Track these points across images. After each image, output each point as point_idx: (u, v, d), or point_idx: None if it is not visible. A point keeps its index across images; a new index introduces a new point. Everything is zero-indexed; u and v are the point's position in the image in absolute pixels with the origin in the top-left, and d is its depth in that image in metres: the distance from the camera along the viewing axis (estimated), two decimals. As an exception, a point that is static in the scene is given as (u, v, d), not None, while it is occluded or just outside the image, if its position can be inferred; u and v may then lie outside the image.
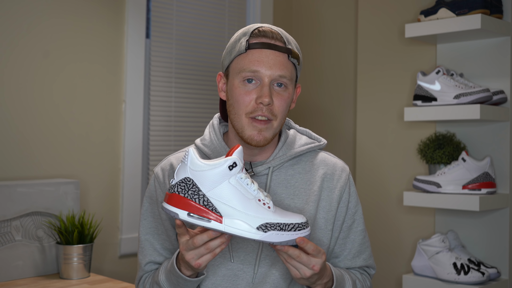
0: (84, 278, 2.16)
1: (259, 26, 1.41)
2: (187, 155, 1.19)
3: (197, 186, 1.18)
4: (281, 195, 1.43)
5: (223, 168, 1.18)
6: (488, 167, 2.29)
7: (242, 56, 1.38)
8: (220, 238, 1.20)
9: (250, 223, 1.17)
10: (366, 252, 1.52)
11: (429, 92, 2.35)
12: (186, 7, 2.88)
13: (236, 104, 1.38)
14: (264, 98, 1.34)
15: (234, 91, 1.39)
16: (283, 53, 1.38)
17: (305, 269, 1.24)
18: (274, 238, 1.18)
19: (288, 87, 1.39)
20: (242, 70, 1.37)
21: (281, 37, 1.40)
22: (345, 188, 1.48)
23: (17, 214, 2.12)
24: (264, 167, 1.43)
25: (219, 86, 1.46)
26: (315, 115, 3.24)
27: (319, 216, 1.44)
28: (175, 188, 1.19)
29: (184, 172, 1.19)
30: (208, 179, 1.17)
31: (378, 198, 2.83)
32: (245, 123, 1.37)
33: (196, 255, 1.22)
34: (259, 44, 1.37)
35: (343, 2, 3.15)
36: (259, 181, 1.43)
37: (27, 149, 2.34)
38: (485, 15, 2.26)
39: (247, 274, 1.40)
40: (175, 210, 1.17)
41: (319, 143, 1.51)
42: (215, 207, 1.17)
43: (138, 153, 2.66)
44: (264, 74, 1.36)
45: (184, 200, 1.17)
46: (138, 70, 2.66)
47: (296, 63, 1.41)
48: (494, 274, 2.32)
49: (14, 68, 2.31)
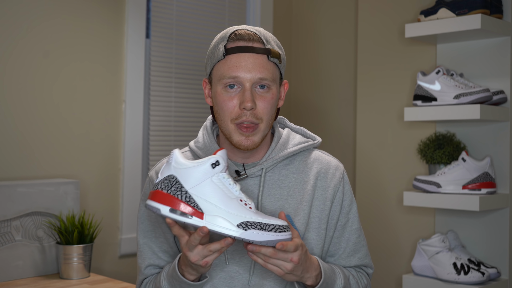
0: (84, 278, 2.16)
1: (236, 29, 1.38)
2: (172, 155, 1.21)
3: (180, 182, 1.19)
4: (275, 196, 1.42)
5: (206, 166, 1.19)
6: (488, 167, 2.29)
7: (221, 63, 1.37)
8: (219, 243, 1.20)
9: (230, 220, 1.18)
10: (361, 251, 1.50)
11: (429, 92, 2.35)
12: (186, 7, 2.88)
13: (221, 111, 1.38)
14: (247, 103, 1.33)
15: (217, 98, 1.38)
16: (262, 55, 1.36)
17: (285, 263, 1.24)
18: (254, 236, 1.18)
19: (271, 88, 1.38)
20: (222, 77, 1.36)
21: (259, 37, 1.37)
22: (338, 187, 1.47)
23: (17, 214, 2.12)
24: (257, 168, 1.42)
25: (205, 92, 1.45)
26: (315, 115, 3.24)
27: (313, 215, 1.43)
28: (158, 185, 1.20)
29: (168, 170, 1.20)
30: (191, 176, 1.19)
31: (378, 198, 2.83)
32: (232, 129, 1.37)
33: (200, 256, 1.22)
34: (236, 48, 1.35)
35: (343, 2, 3.15)
36: (252, 183, 1.43)
37: (27, 149, 2.34)
38: (485, 15, 2.26)
39: (243, 277, 1.39)
40: (158, 206, 1.19)
41: (313, 141, 1.50)
42: (197, 204, 1.18)
43: (138, 153, 2.66)
44: (244, 79, 1.34)
45: (166, 196, 1.19)
46: (138, 70, 2.66)
47: (277, 62, 1.39)
48: (494, 274, 2.32)
49: (14, 68, 2.31)
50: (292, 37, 3.37)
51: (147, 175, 1.51)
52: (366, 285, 1.50)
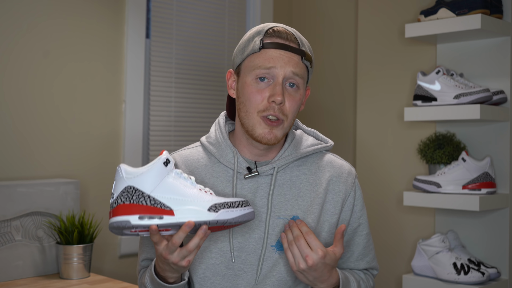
0: (84, 278, 2.16)
1: (274, 25, 1.40)
2: (120, 170, 1.20)
3: (139, 190, 1.19)
4: (285, 196, 1.42)
5: (159, 166, 1.20)
6: (488, 167, 2.29)
7: (256, 55, 1.38)
8: (197, 236, 1.21)
9: (199, 208, 1.20)
10: (370, 255, 1.52)
11: (429, 92, 2.35)
12: (186, 7, 2.88)
13: (247, 102, 1.38)
14: (277, 97, 1.34)
15: (246, 89, 1.38)
16: (297, 55, 1.38)
17: (300, 259, 1.27)
18: (226, 215, 1.21)
19: (299, 88, 1.39)
20: (256, 68, 1.36)
21: (295, 38, 1.39)
22: (350, 192, 1.47)
23: (17, 214, 2.12)
24: (269, 167, 1.42)
25: (229, 83, 1.45)
26: (315, 115, 3.24)
27: (323, 219, 1.43)
28: (118, 200, 1.19)
29: (122, 184, 1.20)
30: (147, 180, 1.19)
31: (378, 198, 2.83)
32: (256, 121, 1.37)
33: (181, 257, 1.22)
34: (273, 44, 1.37)
35: (343, 2, 3.15)
36: (263, 181, 1.43)
37: (27, 149, 2.34)
38: (485, 15, 2.26)
39: (248, 275, 1.39)
40: (125, 218, 1.17)
41: (326, 144, 1.51)
42: (163, 203, 1.19)
43: (138, 153, 2.66)
44: (278, 72, 1.35)
45: (131, 207, 1.18)
46: (138, 70, 2.66)
47: (309, 65, 1.41)
48: (494, 274, 2.32)
49: (14, 68, 2.31)
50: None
51: None
52: (372, 287, 1.52)
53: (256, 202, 1.41)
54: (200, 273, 1.40)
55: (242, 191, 1.42)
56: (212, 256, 1.40)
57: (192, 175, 1.45)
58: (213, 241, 1.40)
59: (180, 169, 1.47)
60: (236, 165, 1.42)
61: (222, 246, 1.39)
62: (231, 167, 1.43)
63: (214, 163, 1.46)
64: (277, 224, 1.39)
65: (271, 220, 1.40)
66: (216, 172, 1.44)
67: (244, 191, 1.42)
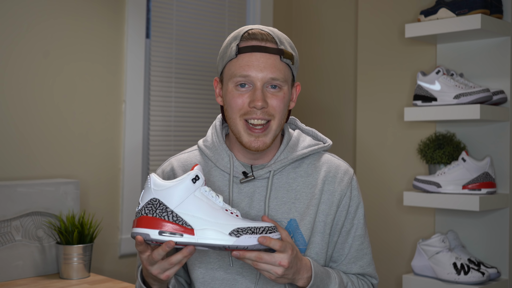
0: (84, 278, 2.16)
1: (249, 28, 1.38)
2: (149, 179, 1.20)
3: (164, 204, 1.18)
4: (282, 199, 1.41)
5: (187, 182, 1.19)
6: (488, 167, 2.29)
7: (233, 61, 1.36)
8: (181, 253, 1.19)
9: (221, 230, 1.18)
10: (364, 259, 1.48)
11: (429, 92, 2.35)
12: (186, 7, 2.88)
13: (229, 109, 1.37)
14: (257, 102, 1.32)
15: (228, 96, 1.37)
16: (275, 55, 1.35)
17: (274, 268, 1.23)
18: (247, 241, 1.18)
19: (282, 88, 1.37)
20: (233, 76, 1.35)
21: (272, 37, 1.36)
22: (346, 192, 1.44)
23: (17, 214, 2.12)
24: (265, 170, 1.41)
25: (216, 91, 1.44)
26: (315, 115, 3.24)
27: (318, 219, 1.41)
28: (142, 211, 1.19)
29: (149, 195, 1.19)
30: (173, 195, 1.18)
31: (378, 198, 2.83)
32: (241, 126, 1.36)
33: (161, 270, 1.21)
34: (249, 47, 1.35)
35: (343, 2, 3.15)
36: (260, 185, 1.41)
37: (27, 149, 2.34)
38: (485, 15, 2.26)
39: (246, 279, 1.39)
40: (146, 231, 1.17)
41: (324, 144, 1.48)
42: (185, 221, 1.18)
43: (138, 153, 2.66)
44: (255, 78, 1.34)
45: (153, 220, 1.17)
46: (138, 70, 2.66)
47: (290, 63, 1.38)
48: (494, 274, 2.32)
49: (14, 68, 2.31)
50: (292, 37, 3.37)
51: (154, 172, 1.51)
52: None
53: (253, 206, 1.40)
54: (200, 277, 1.40)
55: (239, 195, 1.41)
56: (210, 261, 1.39)
57: None
58: None
59: (178, 173, 1.46)
60: (232, 169, 1.41)
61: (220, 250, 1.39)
62: (227, 172, 1.42)
63: (211, 167, 1.45)
64: None
65: None
66: (213, 177, 1.44)
67: (241, 195, 1.41)
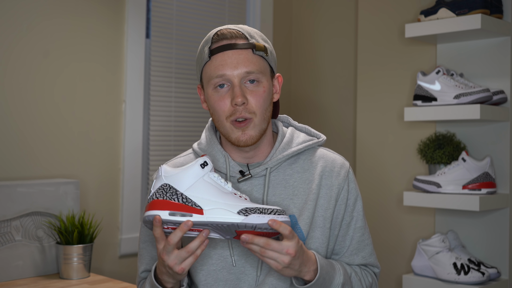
0: (84, 278, 2.16)
1: (218, 29, 1.39)
2: (160, 169, 1.25)
3: (174, 188, 1.22)
4: (280, 196, 1.42)
5: (196, 167, 1.23)
6: (488, 167, 2.29)
7: (208, 64, 1.38)
8: (198, 239, 1.21)
9: (230, 209, 1.21)
10: (365, 250, 1.49)
11: (429, 92, 2.35)
12: (186, 7, 2.88)
13: (215, 112, 1.38)
14: (237, 99, 1.33)
15: (210, 100, 1.39)
16: (246, 49, 1.36)
17: (281, 256, 1.23)
18: (255, 220, 1.20)
19: (261, 81, 1.38)
20: (210, 78, 1.37)
21: (242, 33, 1.37)
22: (343, 185, 1.46)
23: (17, 214, 2.12)
24: (261, 168, 1.42)
25: (201, 98, 1.45)
26: (315, 115, 3.24)
27: (317, 214, 1.42)
28: (153, 196, 1.23)
29: (160, 181, 1.24)
30: (183, 179, 1.22)
31: (378, 198, 2.83)
32: (228, 127, 1.37)
33: (178, 260, 1.22)
34: (220, 47, 1.36)
35: (343, 2, 3.15)
36: (257, 183, 1.42)
37: (27, 149, 2.34)
38: (485, 15, 2.26)
39: (249, 277, 1.39)
40: (156, 212, 1.20)
41: (318, 139, 1.49)
42: (194, 202, 1.21)
43: (138, 153, 2.66)
44: (231, 75, 1.35)
45: (163, 202, 1.21)
46: (138, 70, 2.66)
47: (263, 54, 1.38)
48: (494, 274, 2.32)
49: (14, 68, 2.31)
50: (292, 36, 3.37)
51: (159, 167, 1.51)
52: (371, 284, 1.48)
53: None
54: (202, 280, 1.40)
55: None
56: (213, 263, 1.40)
57: None
58: (212, 247, 1.40)
59: None
60: (228, 169, 1.42)
61: (222, 251, 1.39)
62: (223, 172, 1.43)
63: None
64: None
65: None
66: None
67: None
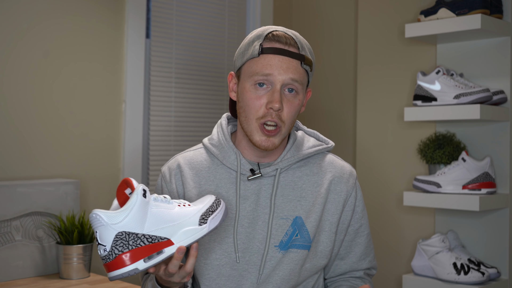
0: (84, 278, 2.16)
1: (274, 29, 1.39)
2: (98, 217, 1.14)
3: (132, 232, 1.15)
4: (288, 197, 1.43)
5: (140, 200, 1.16)
6: (488, 167, 2.29)
7: (255, 60, 1.38)
8: (190, 256, 1.21)
9: (191, 226, 1.21)
10: (371, 254, 1.55)
11: (429, 92, 2.35)
12: (186, 7, 2.88)
13: (246, 108, 1.38)
14: (275, 104, 1.34)
15: (245, 94, 1.39)
16: (296, 60, 1.38)
17: None
18: (214, 223, 1.23)
19: (298, 93, 1.39)
20: (254, 74, 1.37)
21: (295, 42, 1.39)
22: (351, 193, 1.49)
23: (17, 214, 2.12)
24: (272, 168, 1.43)
25: (230, 86, 1.46)
26: (315, 115, 3.24)
27: (324, 218, 1.45)
28: (114, 251, 1.14)
29: (110, 231, 1.14)
30: (136, 220, 1.15)
31: (378, 198, 2.83)
32: (255, 128, 1.38)
33: (181, 278, 1.24)
34: (272, 49, 1.37)
35: (343, 2, 3.15)
36: (266, 182, 1.44)
37: (27, 149, 2.34)
38: (485, 15, 2.26)
39: (252, 275, 1.41)
40: (132, 267, 1.14)
41: (327, 145, 1.52)
42: (159, 237, 1.18)
43: (138, 153, 2.66)
44: (276, 79, 1.36)
45: (132, 254, 1.14)
46: (138, 70, 2.66)
47: (309, 69, 1.41)
48: (494, 274, 2.32)
49: (14, 68, 2.31)
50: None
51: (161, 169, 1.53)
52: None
53: (259, 203, 1.43)
54: (205, 274, 1.41)
55: (245, 192, 1.43)
56: (217, 257, 1.41)
57: (196, 177, 1.47)
58: (217, 242, 1.41)
59: (184, 171, 1.47)
60: (239, 167, 1.44)
61: (227, 247, 1.40)
62: (234, 169, 1.44)
63: (217, 165, 1.47)
64: (280, 225, 1.41)
65: (274, 220, 1.41)
66: (220, 174, 1.46)
67: (248, 192, 1.43)
